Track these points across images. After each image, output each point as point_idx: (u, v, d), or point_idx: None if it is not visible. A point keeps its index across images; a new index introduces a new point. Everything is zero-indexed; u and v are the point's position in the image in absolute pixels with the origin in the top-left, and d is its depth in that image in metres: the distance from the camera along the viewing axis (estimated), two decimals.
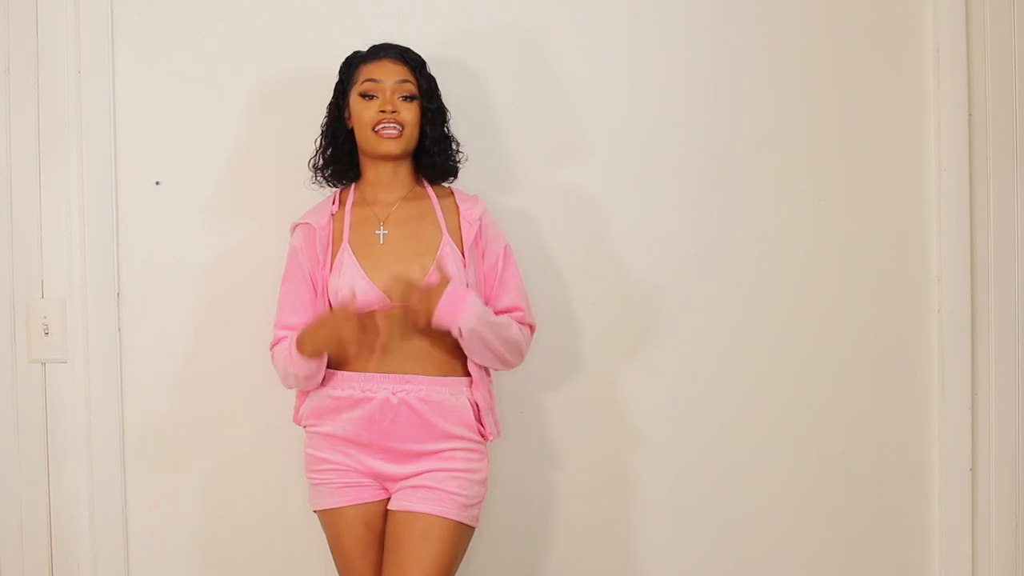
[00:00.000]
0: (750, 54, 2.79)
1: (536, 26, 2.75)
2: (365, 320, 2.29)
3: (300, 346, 2.32)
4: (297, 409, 2.47)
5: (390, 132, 2.35)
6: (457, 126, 2.53)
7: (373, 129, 2.36)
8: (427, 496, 2.31)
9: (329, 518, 2.38)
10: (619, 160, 2.77)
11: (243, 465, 2.73)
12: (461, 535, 2.33)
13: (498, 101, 2.73)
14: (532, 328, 2.47)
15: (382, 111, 2.35)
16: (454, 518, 2.31)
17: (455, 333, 2.29)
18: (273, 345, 2.43)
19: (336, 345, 2.28)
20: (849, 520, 2.84)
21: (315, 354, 2.32)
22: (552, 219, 2.75)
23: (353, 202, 2.44)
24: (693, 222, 2.79)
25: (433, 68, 2.46)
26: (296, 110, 2.66)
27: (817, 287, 2.82)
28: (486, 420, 2.40)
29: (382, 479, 2.37)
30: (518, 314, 2.43)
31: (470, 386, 2.40)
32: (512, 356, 2.40)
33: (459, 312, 2.27)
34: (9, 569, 2.69)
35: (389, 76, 2.37)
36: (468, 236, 2.40)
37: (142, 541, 2.73)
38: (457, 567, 2.33)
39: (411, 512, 2.30)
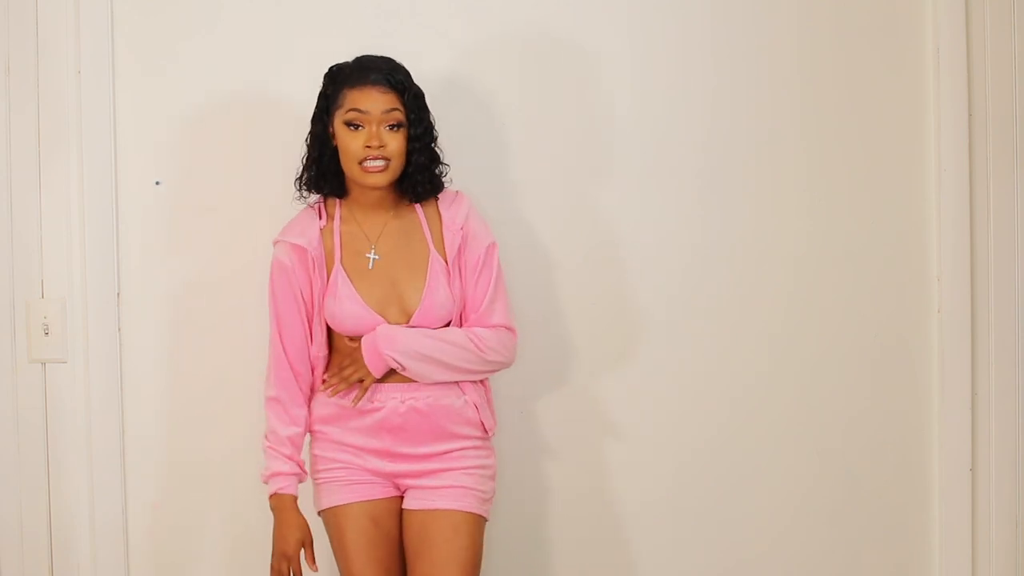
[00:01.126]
0: (750, 54, 2.79)
1: (536, 26, 2.75)
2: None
3: (271, 500, 2.36)
4: None
5: (376, 166, 2.31)
6: (454, 126, 2.52)
7: (359, 163, 2.32)
8: (448, 493, 2.33)
9: (335, 515, 2.37)
10: (618, 160, 2.77)
11: (244, 465, 2.72)
12: (482, 529, 2.37)
13: (497, 101, 2.73)
14: (509, 330, 2.41)
15: (368, 146, 2.30)
16: (477, 512, 2.34)
17: (399, 368, 2.32)
18: (267, 402, 2.40)
19: (273, 547, 2.37)
20: (849, 520, 2.84)
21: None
22: (551, 219, 2.74)
23: (341, 217, 2.41)
24: (693, 222, 2.79)
25: (431, 68, 2.45)
26: (296, 109, 2.65)
27: (817, 287, 2.82)
28: (484, 417, 2.41)
29: (392, 477, 2.37)
30: (474, 316, 2.39)
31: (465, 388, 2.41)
32: (472, 364, 2.36)
33: (382, 352, 2.30)
34: (9, 569, 2.69)
35: (375, 107, 2.30)
36: (452, 247, 2.38)
37: (142, 541, 2.72)
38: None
39: (435, 510, 2.32)
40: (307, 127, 2.49)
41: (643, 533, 2.79)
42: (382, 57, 2.38)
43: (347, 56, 2.46)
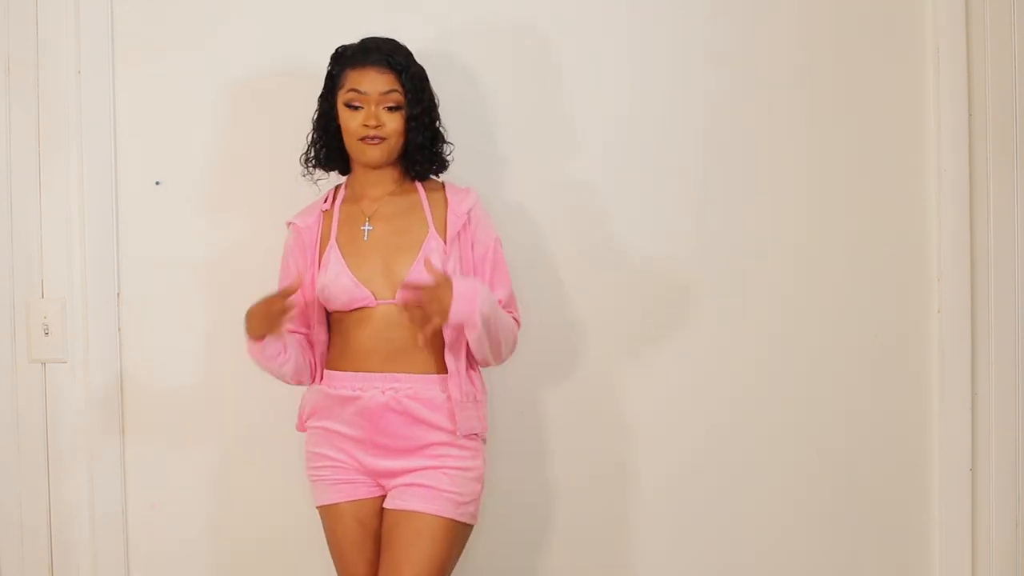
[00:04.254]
0: (750, 54, 2.79)
1: (534, 20, 2.75)
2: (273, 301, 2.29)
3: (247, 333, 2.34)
4: (301, 419, 2.48)
5: (372, 142, 2.36)
6: (452, 120, 2.52)
7: (358, 139, 2.37)
8: (420, 494, 2.32)
9: (326, 514, 2.41)
10: (617, 158, 2.77)
11: (244, 464, 2.73)
12: (456, 533, 2.34)
13: (496, 96, 2.73)
14: (518, 323, 2.46)
15: (365, 124, 2.35)
16: (447, 516, 2.32)
17: (471, 326, 2.24)
18: None
19: (255, 325, 2.30)
20: (849, 520, 2.84)
21: (254, 337, 2.32)
22: (550, 215, 2.75)
23: (343, 199, 2.45)
24: (692, 221, 2.79)
25: (429, 61, 2.43)
26: (296, 109, 2.64)
27: (817, 287, 2.81)
28: (458, 414, 2.36)
29: (376, 475, 2.38)
30: (502, 303, 2.42)
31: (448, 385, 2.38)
32: (507, 346, 2.38)
33: (475, 303, 2.23)
34: (9, 569, 2.69)
35: (373, 87, 2.35)
36: (453, 228, 2.40)
37: (142, 541, 2.73)
38: (453, 565, 2.34)
39: (405, 511, 2.32)
40: (307, 125, 2.50)
41: (640, 534, 2.79)
42: (385, 39, 2.41)
43: None
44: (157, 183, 2.72)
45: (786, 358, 2.82)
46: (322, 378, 2.43)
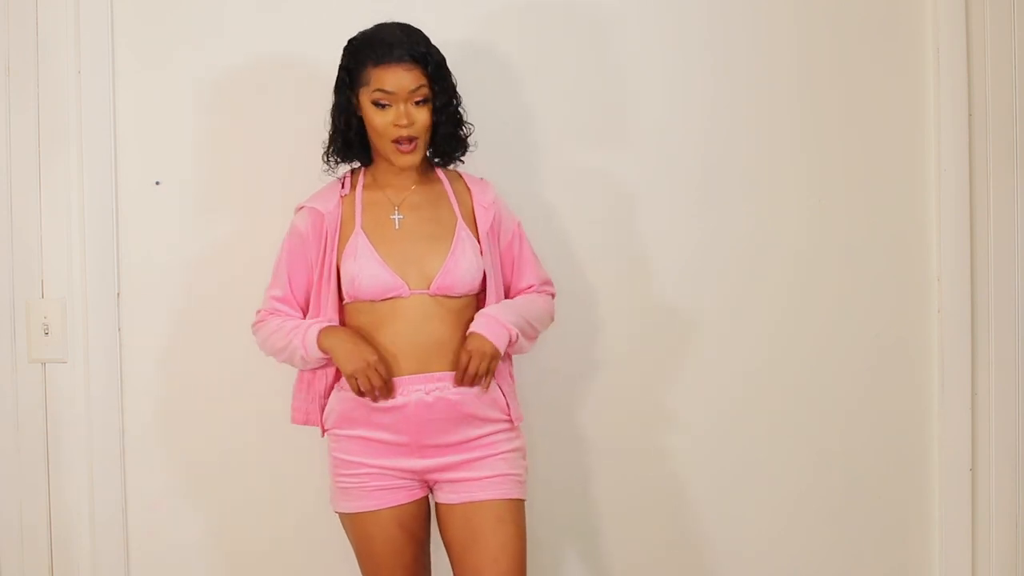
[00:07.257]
0: (750, 55, 2.79)
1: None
2: (386, 383, 2.28)
3: (321, 339, 2.32)
4: (296, 410, 2.45)
5: (406, 148, 2.32)
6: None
7: (391, 141, 2.32)
8: (488, 483, 2.32)
9: (360, 520, 2.34)
10: (616, 159, 2.77)
11: (244, 464, 2.73)
12: (524, 511, 2.36)
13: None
14: (553, 294, 2.52)
15: (397, 124, 2.30)
16: (517, 496, 2.34)
17: (514, 344, 2.34)
18: (261, 313, 2.42)
19: (347, 369, 2.28)
20: (849, 520, 2.84)
21: (327, 352, 2.31)
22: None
23: (364, 184, 2.41)
24: (692, 221, 2.79)
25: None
26: (297, 108, 2.66)
27: (817, 287, 2.82)
28: (511, 403, 2.40)
29: (421, 473, 2.34)
30: (535, 288, 2.48)
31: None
32: (545, 326, 2.49)
33: (502, 324, 2.32)
34: (9, 569, 2.69)
35: (402, 86, 2.29)
36: (484, 223, 2.40)
37: (142, 541, 2.72)
38: None
39: (477, 502, 2.30)
40: (308, 125, 2.50)
41: (639, 532, 2.79)
42: (400, 26, 2.36)
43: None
44: (157, 183, 2.71)
45: (786, 358, 2.82)
46: (337, 379, 2.40)
